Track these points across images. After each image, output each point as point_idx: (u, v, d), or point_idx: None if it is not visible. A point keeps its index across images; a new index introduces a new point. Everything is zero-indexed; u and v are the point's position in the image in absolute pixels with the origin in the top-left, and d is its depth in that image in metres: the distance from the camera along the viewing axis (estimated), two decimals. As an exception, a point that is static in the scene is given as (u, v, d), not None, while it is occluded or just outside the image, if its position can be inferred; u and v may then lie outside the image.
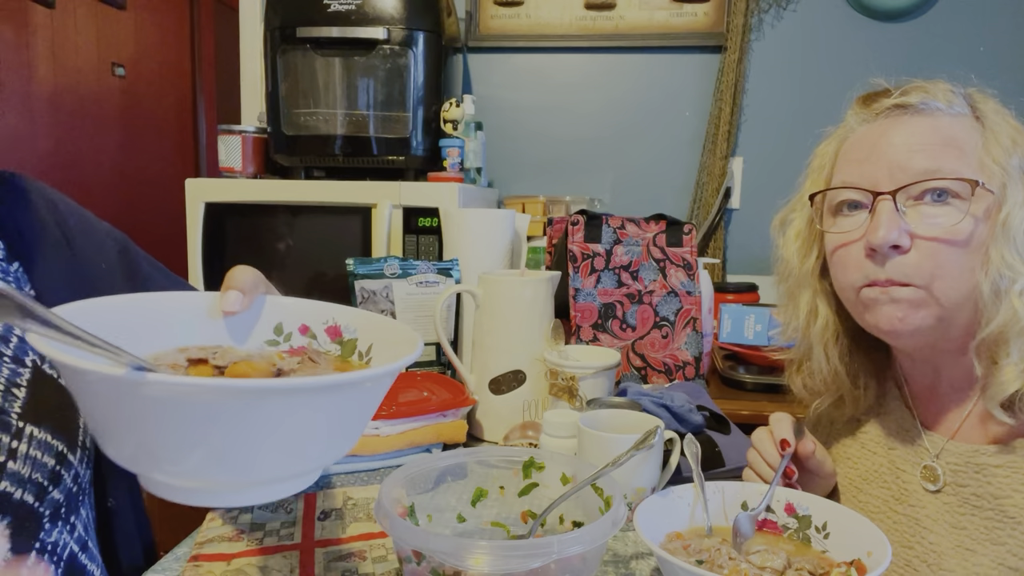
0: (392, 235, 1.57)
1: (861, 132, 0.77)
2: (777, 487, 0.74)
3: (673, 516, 0.71)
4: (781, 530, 0.72)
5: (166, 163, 3.19)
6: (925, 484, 0.76)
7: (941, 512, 0.74)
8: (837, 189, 0.77)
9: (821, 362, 0.83)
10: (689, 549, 0.66)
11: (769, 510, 0.73)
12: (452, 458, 0.73)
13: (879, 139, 0.73)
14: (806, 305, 0.83)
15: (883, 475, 0.81)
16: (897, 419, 0.82)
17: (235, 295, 0.58)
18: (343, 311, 0.64)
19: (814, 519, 0.70)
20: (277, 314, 0.63)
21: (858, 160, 0.75)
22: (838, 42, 2.08)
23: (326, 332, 0.63)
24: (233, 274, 0.60)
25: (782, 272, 0.87)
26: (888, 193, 0.70)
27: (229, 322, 0.60)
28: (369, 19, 1.66)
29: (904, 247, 0.70)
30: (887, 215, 0.70)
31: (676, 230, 1.40)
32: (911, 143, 0.71)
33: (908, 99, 0.73)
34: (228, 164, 1.75)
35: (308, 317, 0.63)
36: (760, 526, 0.73)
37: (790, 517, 0.72)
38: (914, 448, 0.78)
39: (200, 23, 3.40)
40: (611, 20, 2.16)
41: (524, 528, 0.72)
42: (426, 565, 0.56)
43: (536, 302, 1.12)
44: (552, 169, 2.25)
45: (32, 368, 0.67)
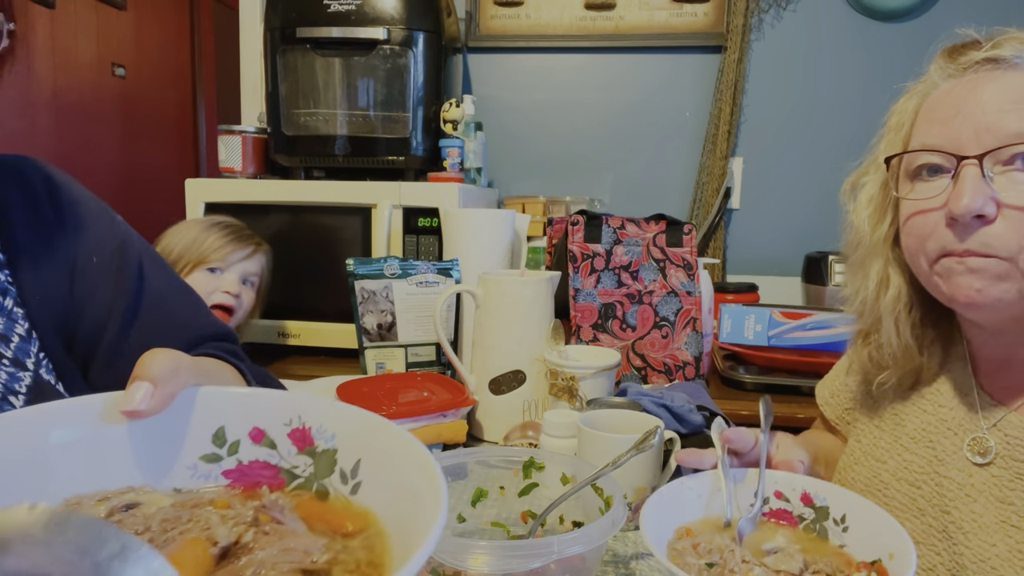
0: (392, 235, 1.57)
1: (945, 88, 0.70)
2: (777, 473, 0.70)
3: (684, 508, 0.66)
4: (796, 520, 0.67)
5: (166, 163, 3.19)
6: (972, 456, 0.72)
7: (987, 485, 0.70)
8: (916, 152, 0.70)
9: (891, 335, 0.77)
10: (699, 548, 0.61)
11: (783, 498, 0.68)
12: (452, 458, 0.73)
13: (966, 97, 0.66)
14: (877, 275, 0.77)
15: (931, 435, 0.77)
16: (956, 381, 0.77)
17: (143, 389, 0.42)
18: (314, 406, 0.45)
19: (832, 511, 0.65)
20: (216, 413, 0.45)
21: (941, 120, 0.68)
22: (838, 42, 2.08)
23: (290, 438, 0.45)
24: (143, 360, 0.43)
25: (851, 240, 0.81)
26: (974, 157, 0.64)
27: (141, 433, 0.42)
28: (369, 19, 1.66)
29: (989, 216, 0.64)
30: (972, 181, 0.63)
31: (676, 230, 1.40)
32: (1002, 102, 0.64)
33: (1000, 52, 0.66)
34: (228, 164, 1.75)
35: (262, 415, 0.45)
36: (773, 516, 0.69)
37: (806, 507, 0.67)
38: (968, 415, 0.74)
39: (200, 23, 3.39)
40: (611, 20, 2.16)
41: (524, 528, 0.72)
42: (426, 565, 0.56)
43: (536, 302, 1.12)
44: (552, 169, 2.24)
45: (33, 373, 0.65)
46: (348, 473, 0.43)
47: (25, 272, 0.67)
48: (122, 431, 0.42)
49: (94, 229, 0.72)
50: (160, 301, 0.74)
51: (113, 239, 0.73)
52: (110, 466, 0.41)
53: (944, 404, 0.77)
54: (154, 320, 0.72)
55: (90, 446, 0.41)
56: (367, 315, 1.28)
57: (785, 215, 2.12)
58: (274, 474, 0.44)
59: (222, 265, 1.40)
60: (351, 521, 0.40)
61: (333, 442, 0.44)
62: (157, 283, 0.75)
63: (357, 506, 0.41)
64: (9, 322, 0.65)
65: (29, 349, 0.65)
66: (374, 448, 0.43)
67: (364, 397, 1.05)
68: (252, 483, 0.44)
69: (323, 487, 0.44)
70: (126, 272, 0.72)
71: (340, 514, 0.41)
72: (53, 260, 0.68)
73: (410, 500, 0.37)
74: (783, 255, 2.10)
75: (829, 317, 1.42)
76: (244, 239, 1.44)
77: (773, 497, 0.69)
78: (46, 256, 0.68)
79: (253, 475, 0.44)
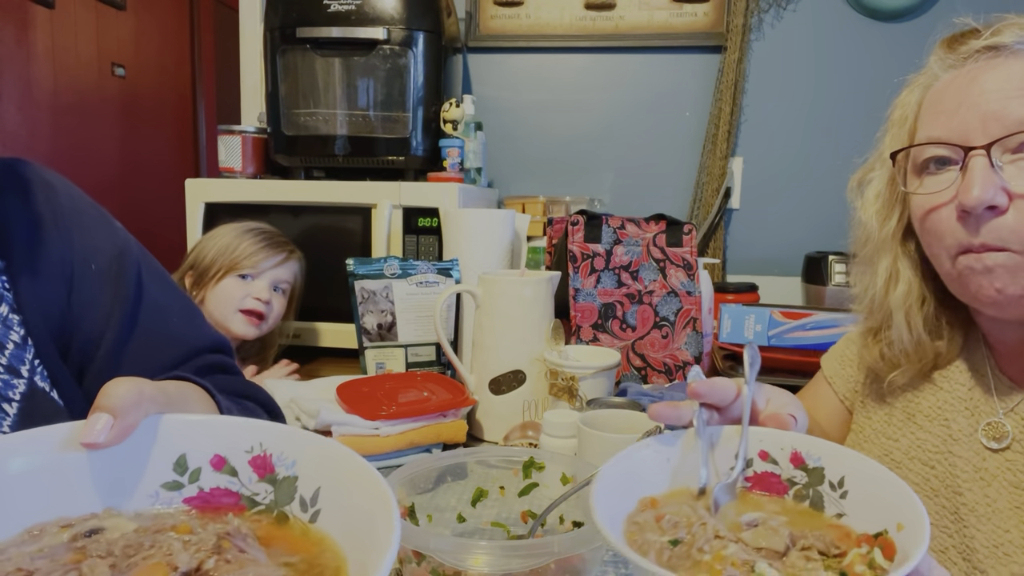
0: (392, 235, 1.57)
1: (947, 79, 0.69)
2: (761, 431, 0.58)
3: (649, 475, 0.55)
4: (786, 486, 0.55)
5: (166, 163, 3.19)
6: (986, 441, 0.70)
7: (1002, 469, 0.69)
8: (923, 146, 0.68)
9: (902, 331, 0.75)
10: (663, 522, 0.50)
11: (770, 460, 0.56)
12: (452, 458, 0.73)
13: (969, 86, 0.65)
14: (885, 271, 0.76)
15: (946, 413, 0.75)
16: (973, 361, 0.76)
17: (102, 420, 0.41)
18: (274, 432, 0.46)
19: (828, 473, 0.54)
20: (177, 441, 0.45)
21: (946, 111, 0.67)
22: (838, 42, 2.08)
23: (251, 465, 0.45)
24: (105, 390, 0.43)
25: (859, 237, 0.79)
26: (981, 148, 0.63)
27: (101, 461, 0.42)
28: (369, 19, 1.66)
29: (1001, 207, 0.62)
30: (981, 172, 0.62)
31: (676, 230, 1.40)
32: (1006, 89, 0.63)
33: (1001, 39, 0.65)
34: (228, 164, 1.75)
35: (224, 443, 0.45)
36: (757, 483, 0.56)
37: (797, 470, 0.55)
38: (984, 398, 0.73)
39: (200, 23, 3.40)
40: (611, 20, 2.16)
41: (524, 528, 0.72)
42: (426, 565, 0.56)
43: (536, 302, 1.12)
44: (552, 169, 2.24)
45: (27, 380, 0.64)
46: (308, 500, 0.44)
47: (21, 278, 0.66)
48: (82, 459, 0.42)
49: (93, 236, 0.72)
50: (158, 312, 0.73)
51: (112, 246, 0.73)
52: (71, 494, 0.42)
53: (962, 383, 0.75)
54: (151, 330, 0.71)
55: (51, 475, 0.41)
56: (367, 315, 1.28)
57: (785, 215, 2.12)
58: (235, 501, 0.45)
59: (254, 272, 1.40)
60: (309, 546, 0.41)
61: (294, 469, 0.45)
62: (155, 293, 0.74)
63: (315, 532, 0.42)
64: (4, 328, 0.64)
65: (24, 356, 0.65)
66: (332, 476, 0.43)
67: (364, 397, 1.05)
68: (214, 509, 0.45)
69: (283, 513, 0.44)
70: (124, 280, 0.71)
71: (298, 540, 0.42)
72: (50, 266, 0.68)
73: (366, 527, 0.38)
74: (783, 255, 2.10)
75: (829, 317, 1.42)
76: (277, 246, 1.44)
77: (758, 459, 0.57)
78: (43, 262, 0.67)
79: (214, 502, 0.45)
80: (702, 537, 0.48)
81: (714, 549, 0.47)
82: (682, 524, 0.49)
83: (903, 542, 0.45)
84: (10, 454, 0.41)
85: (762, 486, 0.56)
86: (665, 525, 0.50)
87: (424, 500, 0.71)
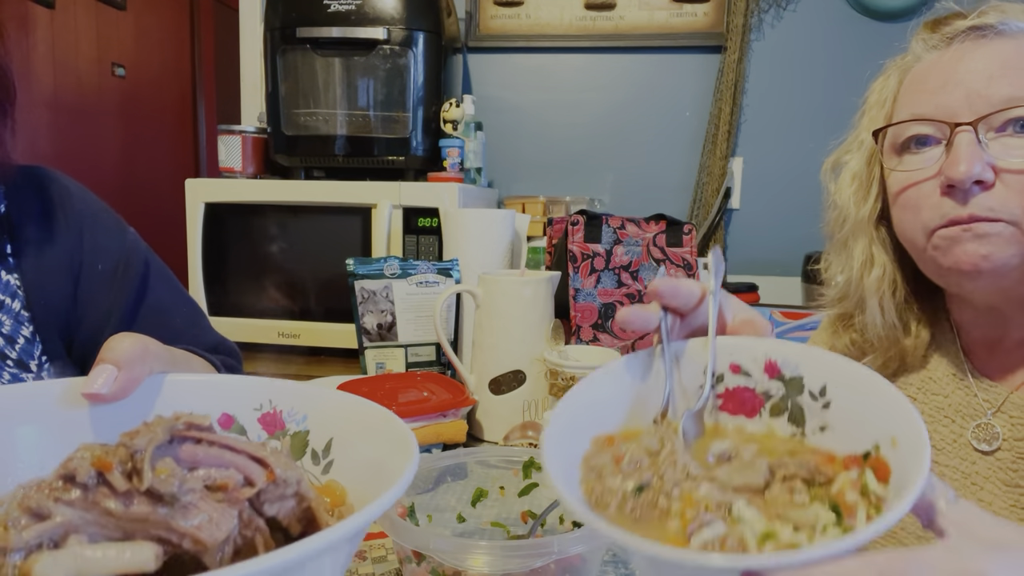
0: (392, 235, 1.57)
1: (931, 60, 0.69)
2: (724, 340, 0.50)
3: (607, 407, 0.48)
4: (761, 400, 0.48)
5: (166, 163, 3.19)
6: (977, 444, 0.70)
7: (994, 471, 0.69)
8: (907, 122, 0.69)
9: (875, 316, 0.75)
10: (624, 464, 0.42)
11: (742, 372, 0.48)
12: (452, 458, 0.73)
13: (955, 65, 0.66)
14: (861, 254, 0.76)
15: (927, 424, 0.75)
16: (946, 366, 0.75)
17: (106, 372, 0.40)
18: (284, 389, 0.45)
19: (807, 382, 0.46)
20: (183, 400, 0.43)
21: (930, 90, 0.68)
22: (838, 42, 2.08)
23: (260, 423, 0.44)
24: (109, 343, 0.42)
25: (835, 220, 0.79)
26: (968, 124, 0.64)
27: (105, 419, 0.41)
28: (369, 19, 1.66)
29: (988, 182, 0.63)
30: (968, 147, 0.63)
31: (676, 230, 1.40)
32: (991, 68, 0.64)
33: (986, 19, 0.66)
34: (228, 164, 1.75)
35: (232, 401, 0.44)
36: (729, 399, 0.49)
37: (773, 380, 0.48)
38: (967, 400, 0.72)
39: (200, 23, 3.40)
40: (611, 20, 2.16)
41: (524, 528, 0.72)
42: (426, 565, 0.56)
43: (536, 302, 1.12)
44: (552, 169, 2.24)
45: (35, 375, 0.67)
46: (320, 453, 0.43)
47: (33, 277, 0.69)
48: (84, 416, 0.40)
49: (103, 238, 0.75)
50: (160, 310, 0.76)
51: (121, 249, 0.76)
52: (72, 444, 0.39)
53: (937, 392, 0.75)
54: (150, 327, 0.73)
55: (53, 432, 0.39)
56: (367, 315, 1.28)
57: (785, 215, 2.12)
58: None
59: None
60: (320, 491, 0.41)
61: (305, 424, 0.44)
62: (160, 294, 0.77)
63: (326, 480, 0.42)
64: (16, 324, 0.67)
65: (33, 351, 0.68)
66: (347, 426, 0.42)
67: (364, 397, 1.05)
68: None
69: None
70: (129, 280, 0.74)
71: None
72: (59, 265, 0.71)
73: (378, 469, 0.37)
74: (783, 255, 2.10)
75: (829, 317, 1.42)
76: None
77: (728, 372, 0.49)
78: (53, 261, 0.71)
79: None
80: (670, 479, 0.41)
81: (684, 492, 0.40)
82: (645, 465, 0.42)
83: (899, 461, 0.39)
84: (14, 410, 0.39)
85: (734, 402, 0.49)
86: (626, 467, 0.42)
87: (424, 500, 0.71)
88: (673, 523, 0.39)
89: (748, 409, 0.48)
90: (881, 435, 0.40)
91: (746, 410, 0.49)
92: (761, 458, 0.42)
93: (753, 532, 0.37)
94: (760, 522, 0.38)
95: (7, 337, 0.66)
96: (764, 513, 0.38)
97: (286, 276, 1.64)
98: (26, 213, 0.71)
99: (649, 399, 0.48)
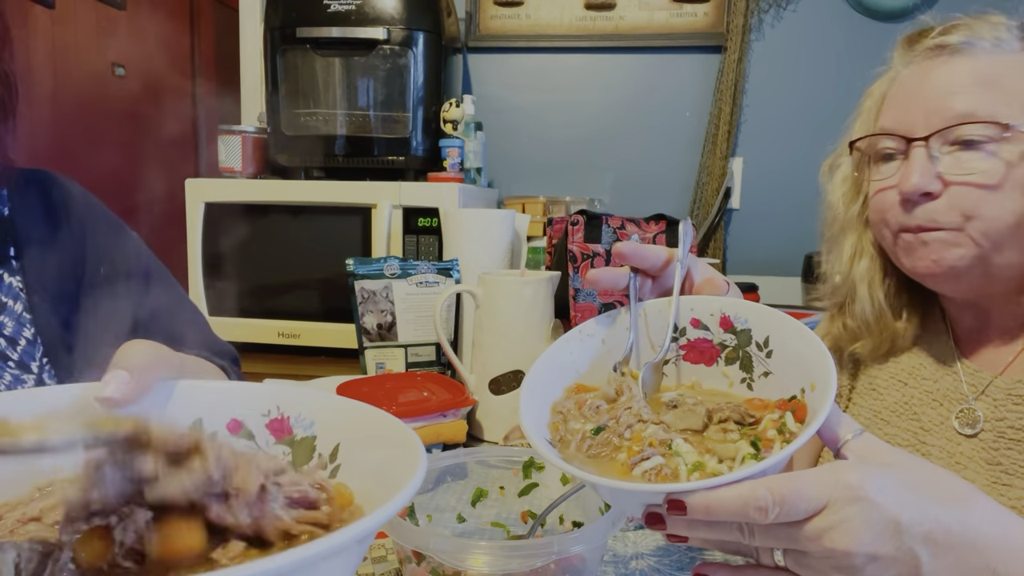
0: (392, 235, 1.57)
1: (905, 75, 0.75)
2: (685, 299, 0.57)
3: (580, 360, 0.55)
4: (718, 350, 0.56)
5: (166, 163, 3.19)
6: (960, 428, 0.74)
7: (976, 450, 0.72)
8: (874, 136, 0.75)
9: (865, 302, 0.80)
10: (585, 408, 0.50)
11: (701, 326, 0.56)
12: (452, 458, 0.73)
13: (919, 82, 0.72)
14: (851, 248, 0.82)
15: (913, 407, 0.79)
16: (937, 353, 0.80)
17: (120, 377, 0.41)
18: (291, 395, 0.45)
19: (754, 334, 0.54)
20: (193, 406, 0.44)
21: (897, 106, 0.74)
22: (838, 42, 2.08)
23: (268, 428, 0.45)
24: (122, 350, 0.44)
25: (828, 218, 0.86)
26: (921, 139, 0.69)
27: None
28: (369, 19, 1.66)
29: (935, 193, 0.68)
30: (919, 161, 0.69)
31: (676, 230, 1.40)
32: (950, 85, 0.69)
33: (948, 39, 0.71)
34: (228, 164, 1.75)
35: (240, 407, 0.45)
36: (691, 350, 0.57)
37: (727, 333, 0.56)
38: (953, 385, 0.76)
39: (200, 23, 3.40)
40: (611, 20, 2.16)
41: (524, 528, 0.72)
42: (426, 565, 0.56)
43: (536, 302, 1.12)
44: (552, 169, 2.24)
45: (36, 376, 0.67)
46: (327, 457, 0.44)
47: (35, 279, 0.70)
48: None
49: (105, 242, 0.76)
50: (162, 315, 0.77)
51: (123, 253, 0.77)
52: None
53: (927, 377, 0.79)
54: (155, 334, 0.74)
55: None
56: (367, 315, 1.28)
57: (785, 215, 2.12)
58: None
59: None
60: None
61: (312, 429, 0.45)
62: (162, 298, 0.78)
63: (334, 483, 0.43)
64: (18, 326, 0.68)
65: (34, 353, 0.68)
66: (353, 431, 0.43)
67: (364, 397, 1.04)
68: None
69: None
70: (132, 284, 0.76)
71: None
72: (62, 269, 0.72)
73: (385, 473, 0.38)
74: (783, 255, 2.10)
75: (829, 317, 1.42)
76: None
77: (689, 326, 0.57)
78: (56, 265, 0.72)
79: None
80: (624, 422, 0.48)
81: (635, 432, 0.48)
82: (603, 409, 0.50)
83: (814, 402, 0.46)
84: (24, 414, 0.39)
85: (696, 352, 0.57)
86: (587, 411, 0.50)
87: (424, 500, 0.71)
88: (621, 456, 0.47)
89: (707, 358, 0.56)
90: (805, 381, 0.48)
91: (704, 359, 0.56)
92: (701, 405, 0.50)
93: (685, 464, 0.45)
94: (692, 455, 0.45)
95: (9, 339, 0.67)
96: (697, 448, 0.46)
97: (286, 276, 1.64)
98: (29, 216, 0.72)
99: (616, 351, 0.55)
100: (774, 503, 0.40)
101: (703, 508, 0.41)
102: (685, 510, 0.41)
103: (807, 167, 2.09)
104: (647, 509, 0.43)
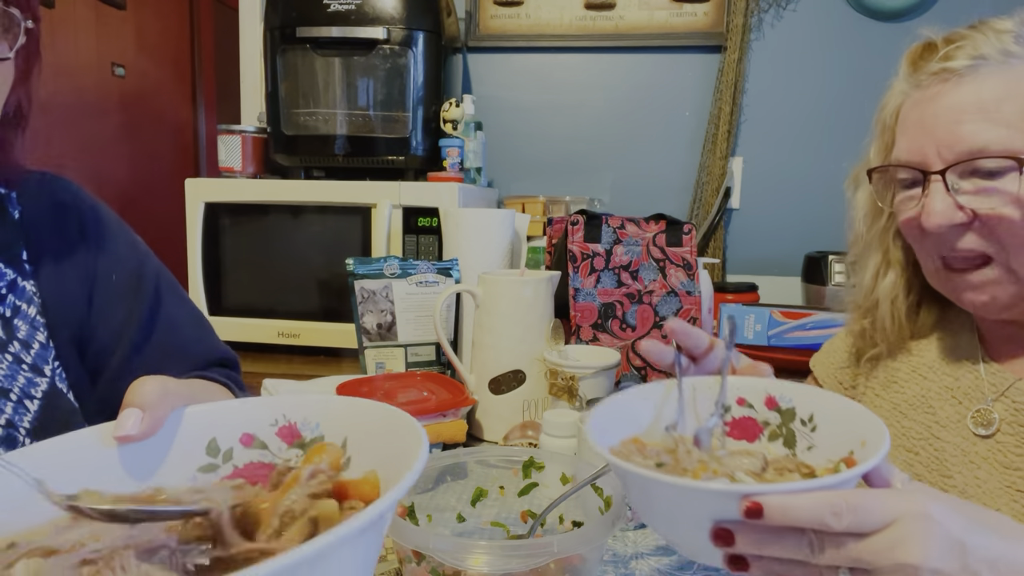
0: (392, 235, 1.57)
1: (914, 98, 0.73)
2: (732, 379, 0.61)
3: (634, 418, 0.59)
4: (761, 427, 0.60)
5: (166, 163, 3.19)
6: (974, 428, 0.74)
7: (992, 451, 0.72)
8: (891, 167, 0.75)
9: (886, 319, 0.82)
10: (646, 451, 0.55)
11: (747, 405, 0.60)
12: (452, 458, 0.73)
13: (925, 110, 0.71)
14: (874, 266, 0.83)
15: (931, 401, 0.79)
16: (962, 350, 0.79)
17: (134, 415, 0.44)
18: (294, 403, 0.48)
19: (799, 411, 0.58)
20: (205, 428, 0.47)
21: (907, 134, 0.73)
22: (838, 42, 2.08)
23: (278, 436, 0.48)
24: (132, 388, 0.46)
25: (852, 238, 0.86)
26: (937, 173, 0.68)
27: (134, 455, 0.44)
28: (369, 19, 1.66)
29: (965, 222, 0.68)
30: (939, 196, 0.68)
31: (676, 230, 1.40)
32: (957, 113, 0.67)
33: (952, 64, 0.69)
34: (228, 164, 1.75)
35: (249, 421, 0.48)
36: (736, 427, 0.60)
37: (771, 411, 0.59)
38: (974, 384, 0.76)
39: (200, 23, 3.39)
40: (611, 20, 2.16)
41: (524, 528, 0.72)
42: (426, 565, 0.56)
43: (536, 302, 1.12)
44: (552, 169, 2.24)
45: (49, 380, 0.67)
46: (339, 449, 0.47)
47: (48, 283, 0.70)
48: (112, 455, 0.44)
49: (116, 249, 0.76)
50: (172, 326, 0.78)
51: (133, 260, 0.77)
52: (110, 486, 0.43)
53: (949, 373, 0.79)
54: (163, 342, 0.76)
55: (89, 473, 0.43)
56: (367, 315, 1.28)
57: (785, 215, 2.12)
58: (270, 470, 0.46)
59: None
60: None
61: (319, 430, 0.48)
62: (170, 306, 0.78)
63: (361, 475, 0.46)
64: (31, 329, 0.68)
65: (47, 356, 0.68)
66: (358, 425, 0.46)
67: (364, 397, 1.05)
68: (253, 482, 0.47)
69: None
70: (143, 293, 0.76)
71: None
72: (75, 274, 0.72)
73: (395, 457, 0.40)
74: (783, 255, 2.10)
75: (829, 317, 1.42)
76: None
77: (735, 404, 0.61)
78: (69, 270, 0.72)
79: (251, 475, 0.47)
80: (686, 460, 0.53)
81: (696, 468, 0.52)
82: (666, 452, 0.54)
83: (865, 454, 0.49)
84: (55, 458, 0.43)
85: (740, 429, 0.60)
86: (648, 454, 0.54)
87: (424, 500, 0.71)
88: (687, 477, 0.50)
89: (750, 435, 0.60)
90: (855, 442, 0.51)
91: (748, 435, 0.60)
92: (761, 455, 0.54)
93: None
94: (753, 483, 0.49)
95: (23, 342, 0.67)
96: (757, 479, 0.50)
97: (286, 276, 1.64)
98: (41, 219, 0.72)
99: (666, 416, 0.59)
100: (848, 508, 0.42)
101: (780, 510, 0.42)
102: (761, 513, 0.42)
103: (807, 167, 2.10)
104: (716, 525, 0.44)
